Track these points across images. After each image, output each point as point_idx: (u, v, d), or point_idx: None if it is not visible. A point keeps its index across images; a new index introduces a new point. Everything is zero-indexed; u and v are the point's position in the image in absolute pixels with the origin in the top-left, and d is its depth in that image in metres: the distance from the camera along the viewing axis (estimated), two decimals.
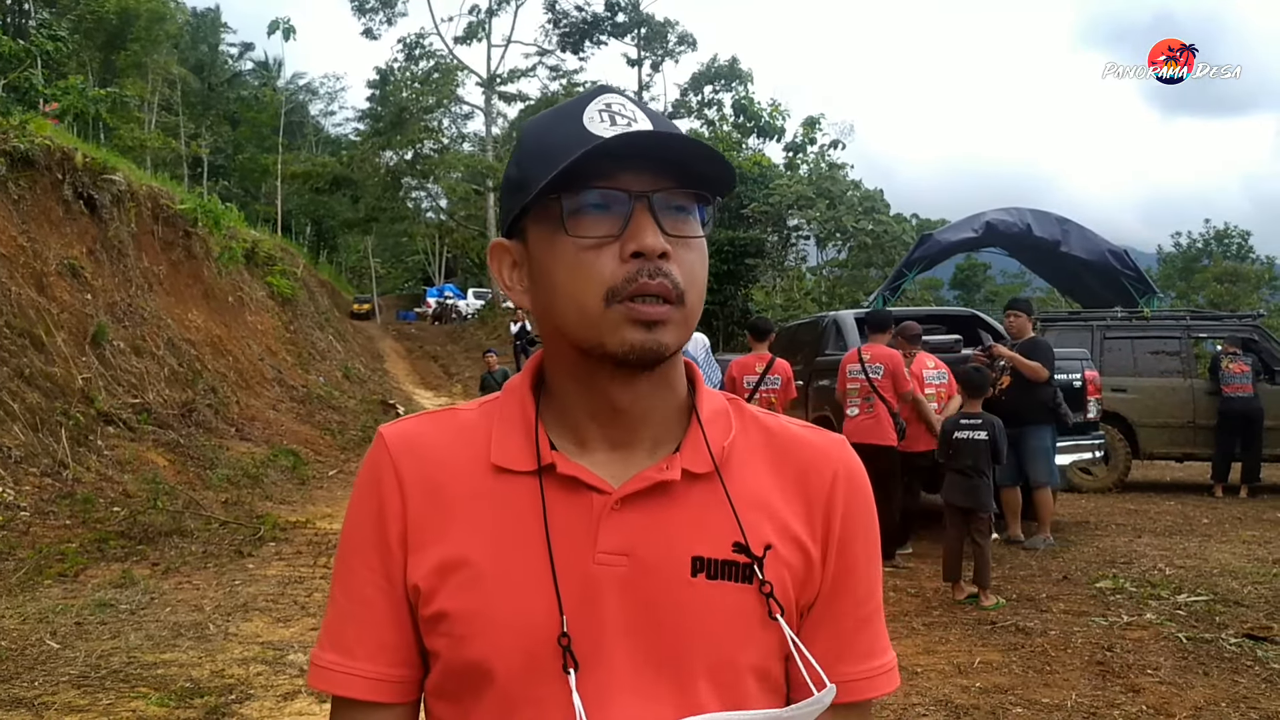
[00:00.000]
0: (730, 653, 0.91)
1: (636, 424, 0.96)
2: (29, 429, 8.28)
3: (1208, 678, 4.47)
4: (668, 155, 0.89)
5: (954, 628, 5.45)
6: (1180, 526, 8.99)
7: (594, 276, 0.88)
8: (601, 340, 0.89)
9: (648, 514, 0.92)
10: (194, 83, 42.31)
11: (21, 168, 10.42)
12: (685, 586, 0.91)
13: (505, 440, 0.96)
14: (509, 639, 0.89)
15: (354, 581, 0.97)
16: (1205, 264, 52.61)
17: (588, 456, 0.95)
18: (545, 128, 0.95)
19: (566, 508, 0.92)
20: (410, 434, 1.00)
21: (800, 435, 1.03)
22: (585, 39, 38.68)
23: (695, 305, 0.92)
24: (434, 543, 0.94)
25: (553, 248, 0.91)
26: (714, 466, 0.95)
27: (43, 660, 4.77)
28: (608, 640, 0.89)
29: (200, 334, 13.73)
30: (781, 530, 0.96)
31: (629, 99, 0.95)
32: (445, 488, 0.96)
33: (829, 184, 27.07)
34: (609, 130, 0.89)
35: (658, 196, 0.89)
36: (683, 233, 0.91)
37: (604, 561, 0.91)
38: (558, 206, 0.89)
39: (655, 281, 0.88)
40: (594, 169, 0.87)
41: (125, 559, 7.10)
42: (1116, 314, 12.75)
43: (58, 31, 17.96)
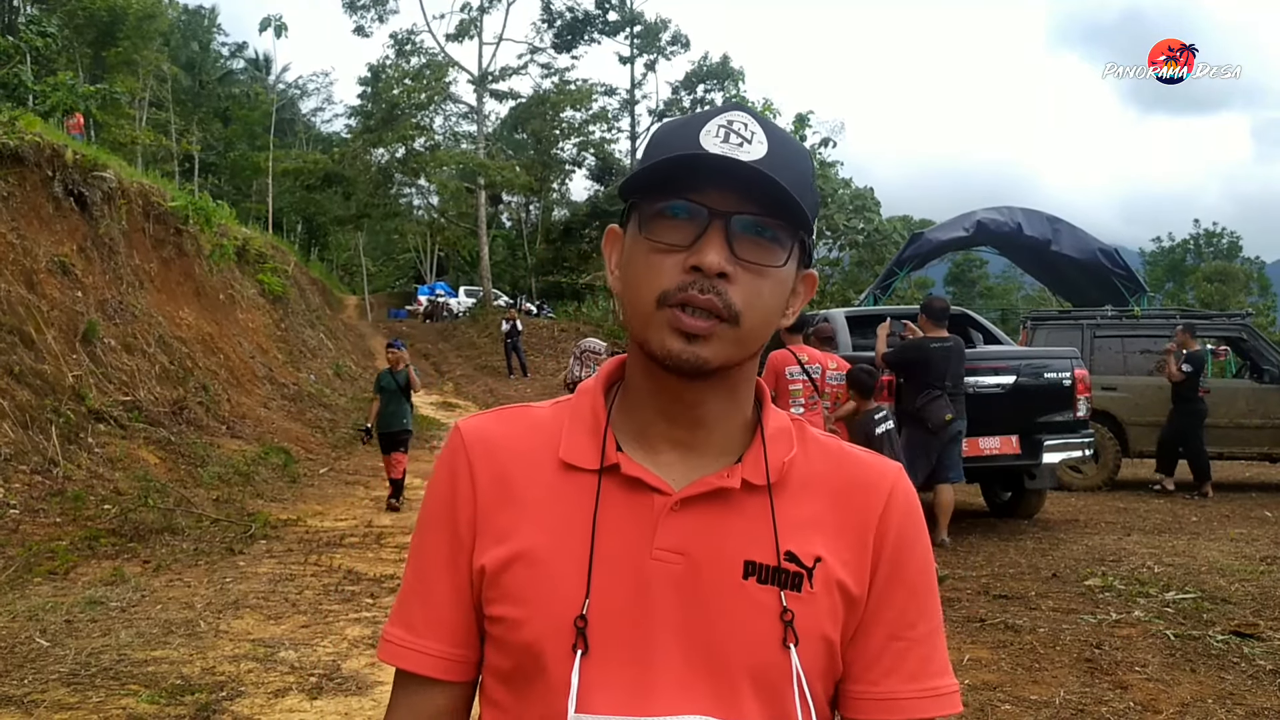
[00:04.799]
0: (774, 657, 0.93)
1: (701, 428, 0.99)
2: (19, 426, 8.26)
3: (1195, 674, 4.49)
4: (758, 182, 0.91)
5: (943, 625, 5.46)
6: (1169, 525, 9.03)
7: (655, 277, 0.93)
8: (647, 338, 0.94)
9: (705, 517, 0.96)
10: (185, 80, 42.13)
11: (11, 164, 10.38)
12: (737, 588, 0.94)
13: (574, 438, 1.01)
14: (554, 625, 0.93)
15: (424, 562, 1.04)
16: (1191, 263, 52.80)
17: (653, 458, 0.99)
18: (668, 131, 0.98)
19: (627, 505, 0.97)
20: (485, 428, 1.05)
21: (858, 457, 1.05)
22: (577, 37, 38.61)
23: (755, 328, 0.94)
24: (500, 532, 0.99)
25: (635, 243, 0.96)
26: (767, 480, 0.98)
27: (32, 658, 4.77)
28: (658, 632, 0.93)
29: (191, 332, 13.70)
30: (833, 547, 0.98)
31: (756, 118, 0.96)
32: (514, 480, 1.01)
33: (820, 182, 27.08)
34: (718, 146, 0.92)
35: (741, 219, 0.92)
36: (756, 259, 0.93)
37: (660, 558, 0.95)
38: (644, 206, 0.94)
39: (704, 297, 0.90)
40: (687, 181, 0.91)
41: (116, 556, 7.09)
42: (1107, 313, 12.79)
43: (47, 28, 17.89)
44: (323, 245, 51.22)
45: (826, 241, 27.48)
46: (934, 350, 7.74)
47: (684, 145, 0.93)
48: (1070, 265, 15.23)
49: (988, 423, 8.41)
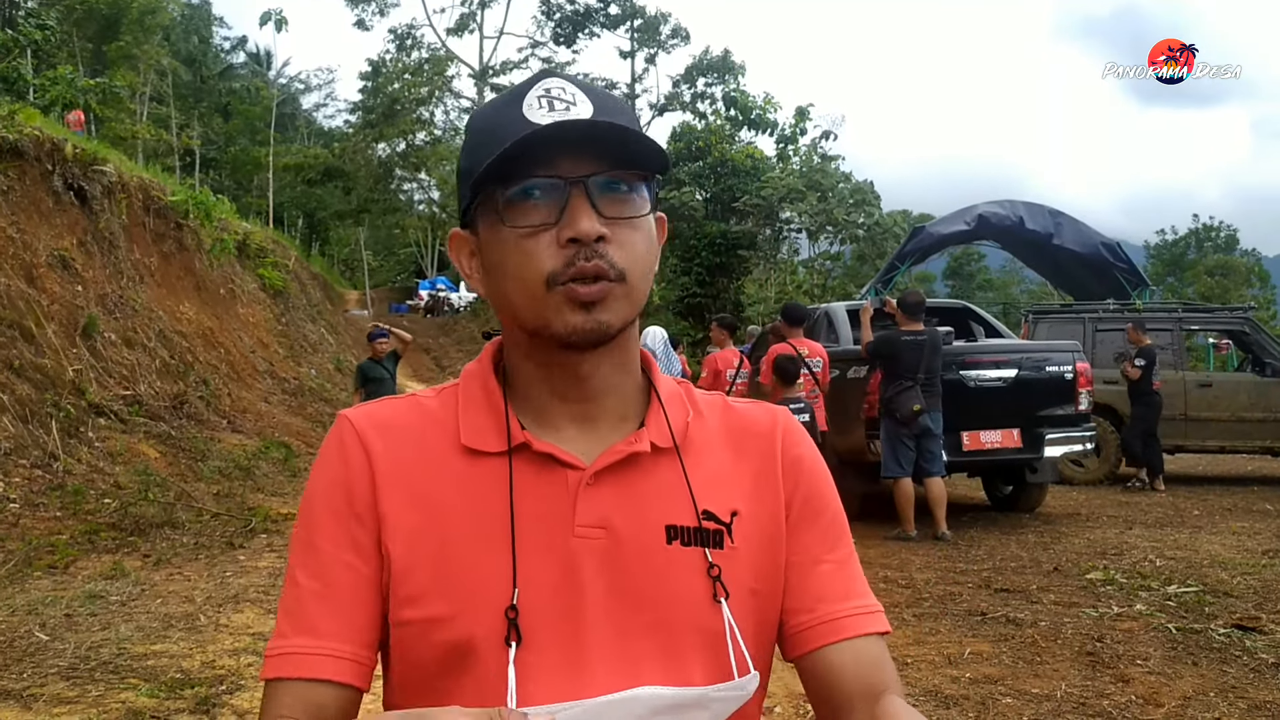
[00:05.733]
0: (707, 614, 0.93)
1: (598, 398, 0.98)
2: (19, 421, 8.25)
3: (1197, 668, 4.48)
4: (602, 137, 0.90)
5: (944, 619, 5.46)
6: (1171, 518, 9.02)
7: (534, 263, 0.91)
8: (547, 323, 0.92)
9: (620, 487, 0.95)
10: (185, 74, 42.06)
11: (10, 158, 10.36)
12: (661, 553, 0.94)
13: (474, 422, 0.98)
14: (484, 618, 0.90)
15: (322, 560, 0.95)
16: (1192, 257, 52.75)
17: (557, 434, 0.97)
18: (488, 117, 0.96)
19: (542, 485, 0.94)
20: (375, 415, 1.00)
21: (742, 408, 1.08)
22: (578, 31, 38.58)
23: (638, 282, 0.94)
24: (406, 523, 0.94)
25: (497, 236, 0.93)
26: (673, 441, 0.98)
27: (31, 652, 4.76)
28: (590, 611, 0.91)
29: (192, 326, 13.69)
30: (746, 496, 1.00)
31: (570, 81, 0.96)
32: (415, 468, 0.96)
33: (820, 177, 27.02)
34: (547, 117, 0.91)
35: (597, 179, 0.91)
36: (622, 214, 0.92)
37: (583, 534, 0.93)
38: (496, 198, 0.92)
39: (591, 264, 0.89)
40: (533, 157, 0.90)
41: (116, 551, 7.08)
42: (1108, 306, 12.77)
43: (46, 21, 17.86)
44: (323, 240, 51.16)
45: (827, 235, 27.40)
46: (904, 343, 7.85)
47: (510, 126, 0.91)
48: (1072, 259, 15.19)
49: (989, 416, 8.42)
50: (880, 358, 8.00)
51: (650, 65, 39.19)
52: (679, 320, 27.05)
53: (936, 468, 7.94)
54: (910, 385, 7.72)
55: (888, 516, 8.19)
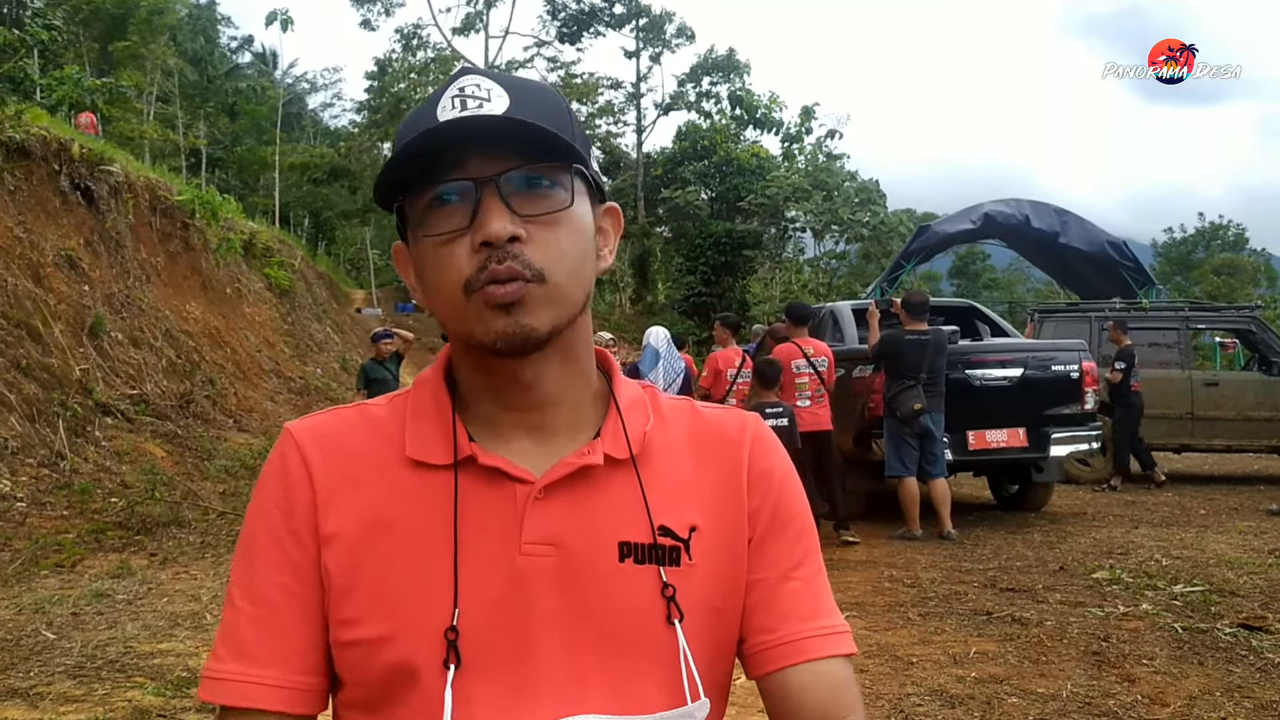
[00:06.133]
0: (660, 636, 0.90)
1: (547, 406, 0.94)
2: (26, 420, 8.27)
3: (1203, 667, 4.47)
4: (513, 133, 0.86)
5: (950, 618, 5.45)
6: (1177, 518, 9.00)
7: (451, 271, 0.87)
8: (471, 331, 0.88)
9: (572, 502, 0.91)
10: (191, 74, 42.11)
11: (17, 158, 10.40)
12: (614, 573, 0.90)
13: (421, 434, 0.94)
14: (423, 639, 0.86)
15: (258, 584, 0.92)
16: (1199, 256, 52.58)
17: (507, 446, 0.93)
18: (407, 123, 0.91)
19: (489, 500, 0.90)
20: (319, 428, 0.96)
21: (710, 414, 1.03)
22: (583, 30, 38.57)
23: (564, 281, 0.88)
24: (348, 541, 0.90)
25: (419, 247, 0.90)
26: (629, 453, 0.94)
27: (39, 650, 4.77)
28: (538, 632, 0.88)
29: (198, 325, 13.72)
30: (707, 508, 0.95)
31: (490, 76, 0.91)
32: (359, 483, 0.92)
33: (825, 176, 27.02)
34: (456, 114, 0.86)
35: (510, 177, 0.86)
36: (540, 210, 0.87)
37: (530, 552, 0.89)
38: (413, 207, 0.89)
39: (504, 266, 0.85)
40: (442, 160, 0.86)
41: (122, 549, 7.10)
42: (1115, 305, 12.74)
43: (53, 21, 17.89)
44: (329, 240, 51.19)
45: (833, 234, 27.40)
46: (907, 343, 7.86)
47: (424, 126, 0.87)
48: (1078, 258, 15.16)
49: (995, 416, 8.41)
50: (883, 357, 8.01)
51: (655, 64, 39.17)
52: (684, 319, 27.06)
53: (938, 469, 7.94)
54: (912, 385, 7.73)
55: (893, 515, 8.18)
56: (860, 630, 5.21)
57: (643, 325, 29.27)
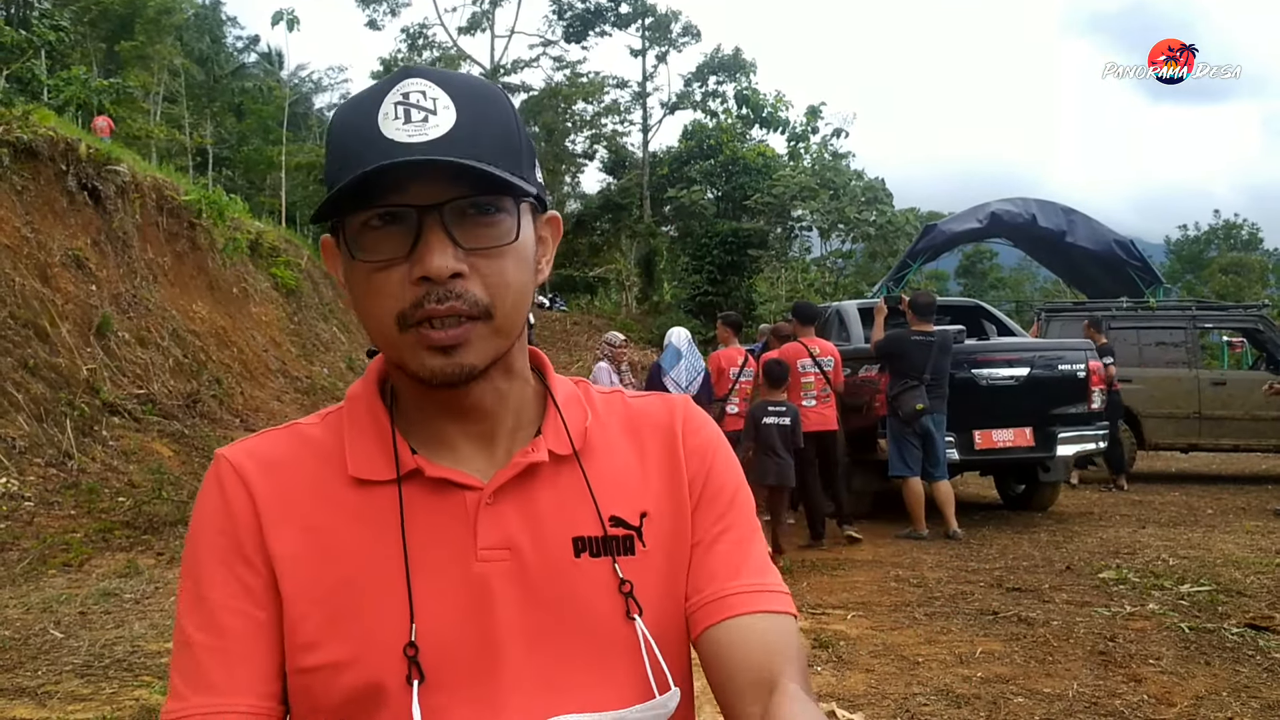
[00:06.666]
0: (622, 631, 0.89)
1: (490, 415, 0.92)
2: (34, 420, 8.30)
3: (1209, 667, 4.46)
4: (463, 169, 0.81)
5: (956, 618, 5.45)
6: (1184, 517, 8.97)
7: (384, 300, 0.83)
8: (404, 363, 0.85)
9: (521, 502, 0.90)
10: (198, 74, 42.19)
11: (25, 158, 10.43)
12: (571, 569, 0.89)
13: (361, 450, 0.91)
14: (384, 658, 0.85)
15: (211, 612, 0.87)
16: (1212, 255, 52.43)
17: (452, 454, 0.91)
18: (343, 123, 0.86)
19: (437, 511, 0.89)
20: (253, 452, 0.93)
21: (641, 402, 1.03)
22: (589, 29, 38.59)
23: (510, 312, 0.86)
24: (300, 564, 0.87)
25: (350, 264, 0.85)
26: (571, 447, 0.93)
27: (46, 649, 4.79)
28: (501, 638, 0.86)
29: (204, 325, 13.75)
30: (655, 494, 0.95)
31: (434, 80, 0.85)
32: (302, 505, 0.89)
33: (832, 175, 26.98)
34: (400, 129, 0.81)
35: (455, 206, 0.82)
36: (486, 243, 0.83)
37: (487, 558, 0.87)
38: (343, 227, 0.84)
39: (444, 306, 0.81)
40: (384, 180, 0.80)
41: (130, 549, 7.13)
42: (1122, 304, 12.71)
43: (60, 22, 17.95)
44: None
45: (839, 233, 27.37)
46: (913, 343, 7.85)
47: (362, 139, 0.82)
48: (1085, 257, 15.12)
49: (1001, 415, 8.40)
50: (888, 356, 8.00)
51: (661, 63, 39.18)
52: (690, 319, 27.05)
53: (940, 472, 7.94)
54: (915, 385, 7.74)
55: (899, 515, 8.18)
56: (866, 630, 5.21)
57: (649, 325, 29.30)
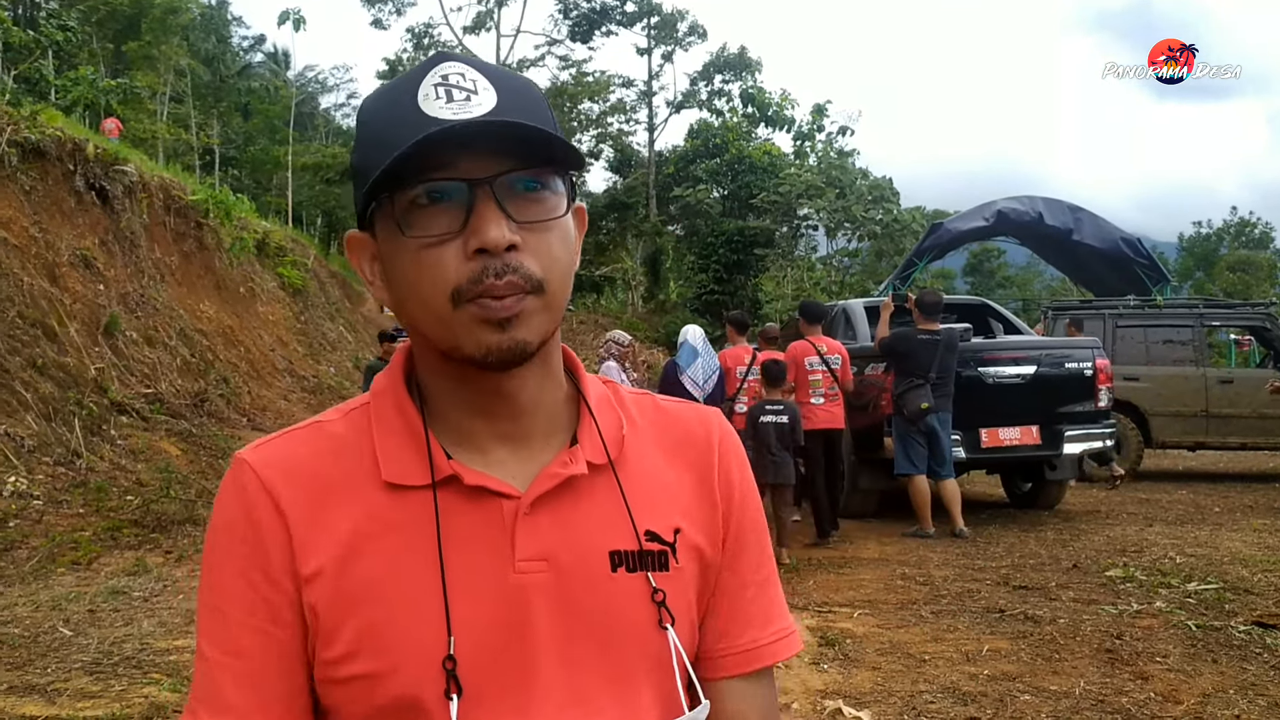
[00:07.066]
0: (654, 643, 0.88)
1: (526, 416, 0.90)
2: (42, 419, 8.33)
3: (1216, 665, 4.46)
4: (514, 132, 0.81)
5: (962, 616, 5.45)
6: (1191, 515, 8.96)
7: (438, 277, 0.81)
8: (457, 343, 0.83)
9: (559, 514, 0.88)
10: (204, 74, 42.27)
11: (33, 159, 10.46)
12: (608, 583, 0.87)
13: (394, 453, 0.88)
14: (423, 671, 0.82)
15: (231, 631, 0.85)
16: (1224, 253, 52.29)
17: (484, 458, 0.89)
18: (380, 108, 0.86)
19: (474, 519, 0.86)
20: (278, 456, 0.89)
21: (675, 410, 1.01)
22: (594, 29, 38.58)
23: (558, 291, 0.84)
24: (330, 574, 0.84)
25: (396, 245, 0.84)
26: (607, 457, 0.91)
27: (56, 647, 4.82)
28: (537, 651, 0.85)
29: (212, 324, 13.78)
30: (685, 511, 0.94)
31: (470, 64, 0.85)
32: (332, 511, 0.86)
33: (838, 173, 26.97)
34: (445, 109, 0.81)
35: (506, 179, 0.81)
36: (535, 216, 0.83)
37: (524, 570, 0.85)
38: (392, 204, 0.83)
39: (503, 281, 0.80)
40: (431, 157, 0.79)
41: (138, 547, 7.15)
42: (1129, 302, 12.69)
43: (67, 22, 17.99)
44: (342, 239, 51.43)
45: (845, 232, 27.36)
46: (919, 342, 7.86)
47: (405, 120, 0.81)
48: (1092, 255, 15.08)
49: (1008, 413, 8.39)
50: (893, 355, 7.99)
51: (667, 62, 39.12)
52: (697, 318, 27.03)
53: (946, 471, 7.94)
54: (921, 384, 7.74)
55: (905, 513, 8.17)
56: (873, 628, 5.22)
57: (655, 324, 29.27)
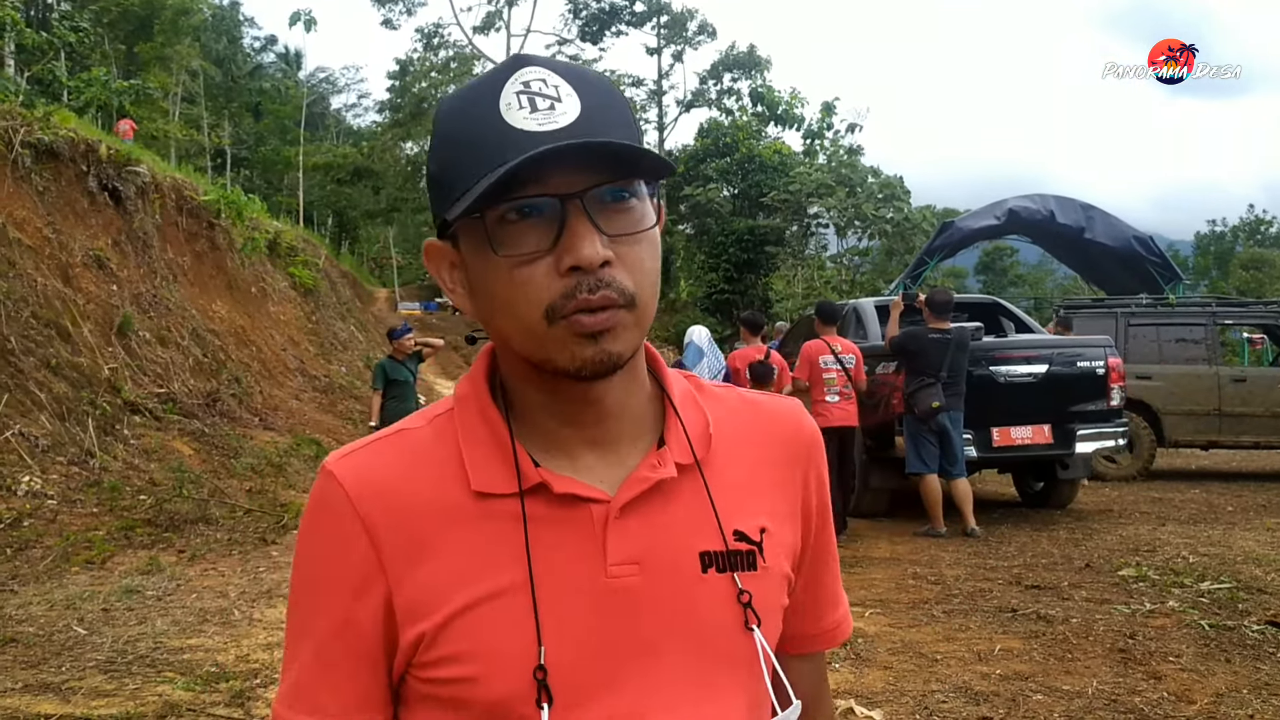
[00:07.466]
0: (741, 644, 0.88)
1: (613, 420, 0.89)
2: (56, 419, 8.37)
3: (1229, 665, 4.44)
4: (591, 147, 0.79)
5: (974, 615, 5.44)
6: (1204, 514, 8.92)
7: (531, 295, 0.80)
8: (549, 356, 0.82)
9: (648, 517, 0.87)
10: (216, 75, 42.45)
11: (47, 160, 10.52)
12: (698, 584, 0.87)
13: (481, 462, 0.87)
14: (514, 679, 0.82)
15: (319, 633, 0.87)
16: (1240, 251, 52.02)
17: (572, 463, 0.88)
18: (460, 116, 0.84)
19: (563, 525, 0.86)
20: (365, 466, 0.89)
21: (758, 401, 1.01)
22: (604, 29, 38.61)
23: (648, 302, 0.84)
24: (422, 583, 0.85)
25: (485, 262, 0.83)
26: (694, 458, 0.90)
27: (70, 646, 4.84)
28: (631, 655, 0.85)
29: (224, 324, 13.84)
30: (772, 508, 0.94)
31: (550, 68, 0.84)
32: (420, 522, 0.86)
33: (848, 171, 26.94)
34: (529, 120, 0.80)
35: (594, 193, 0.80)
36: (626, 229, 0.82)
37: (617, 574, 0.85)
38: (481, 223, 0.81)
39: (597, 295, 0.80)
40: (520, 172, 0.78)
41: (152, 546, 7.18)
42: (1141, 301, 12.64)
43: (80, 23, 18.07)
44: (353, 239, 51.50)
45: (856, 230, 27.32)
46: (931, 341, 7.85)
47: (490, 134, 0.80)
48: (1103, 253, 15.03)
49: (1020, 412, 8.37)
50: (904, 353, 7.99)
51: (677, 62, 39.21)
52: (707, 317, 27.04)
53: (958, 470, 7.93)
54: (932, 382, 7.73)
55: (917, 512, 8.16)
56: (885, 627, 5.21)
57: (665, 323, 29.28)
